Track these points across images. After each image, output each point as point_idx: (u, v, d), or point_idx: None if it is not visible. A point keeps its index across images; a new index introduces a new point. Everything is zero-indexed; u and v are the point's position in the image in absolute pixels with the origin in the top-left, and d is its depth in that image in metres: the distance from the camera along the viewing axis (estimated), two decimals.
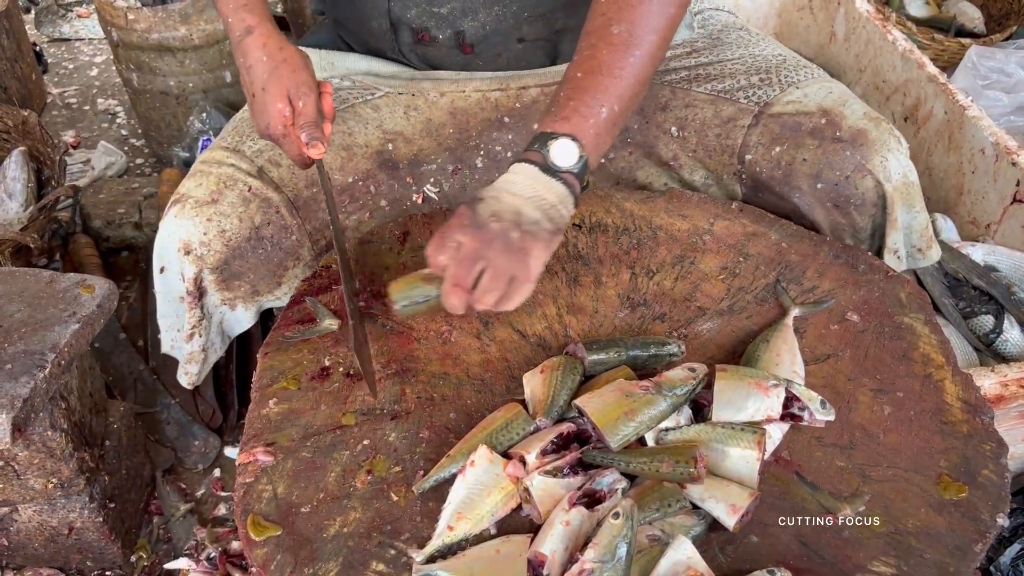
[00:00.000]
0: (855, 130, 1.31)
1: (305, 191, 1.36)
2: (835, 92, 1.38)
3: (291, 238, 1.34)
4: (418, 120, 1.44)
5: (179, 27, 2.43)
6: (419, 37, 1.39)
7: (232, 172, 1.33)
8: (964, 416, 1.04)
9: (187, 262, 1.29)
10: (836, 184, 1.32)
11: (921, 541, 0.92)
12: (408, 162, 1.42)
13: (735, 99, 1.39)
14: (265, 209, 1.32)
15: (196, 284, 1.30)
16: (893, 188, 1.31)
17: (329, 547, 0.92)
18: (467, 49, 1.39)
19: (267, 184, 1.33)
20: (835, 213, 1.34)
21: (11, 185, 2.19)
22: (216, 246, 1.30)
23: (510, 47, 1.40)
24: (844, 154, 1.31)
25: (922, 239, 1.40)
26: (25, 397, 1.29)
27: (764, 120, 1.37)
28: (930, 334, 1.15)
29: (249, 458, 1.01)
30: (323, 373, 1.11)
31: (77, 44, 3.53)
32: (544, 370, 1.05)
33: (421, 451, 1.02)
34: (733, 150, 1.39)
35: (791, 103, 1.36)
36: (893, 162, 1.30)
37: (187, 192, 1.32)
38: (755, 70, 1.43)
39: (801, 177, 1.33)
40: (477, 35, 1.37)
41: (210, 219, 1.29)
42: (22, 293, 1.45)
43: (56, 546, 1.59)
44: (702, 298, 1.21)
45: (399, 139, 1.42)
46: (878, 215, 1.34)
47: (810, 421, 1.01)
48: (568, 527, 0.88)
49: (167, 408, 1.91)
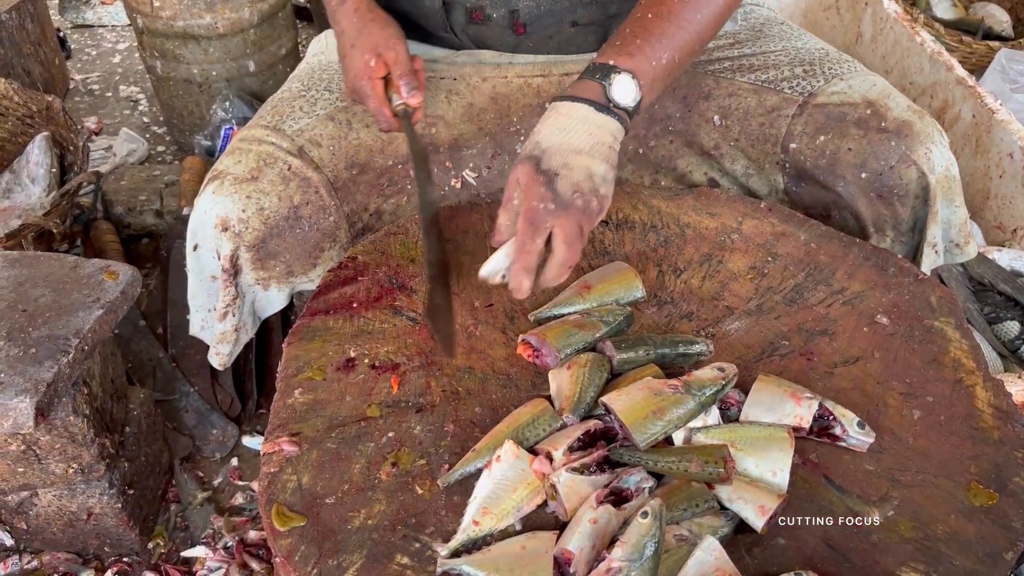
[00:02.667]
0: (900, 121, 1.32)
1: (345, 172, 1.35)
2: (879, 85, 1.38)
3: (329, 219, 1.34)
4: (459, 104, 1.44)
5: (204, 15, 2.43)
6: (472, 16, 1.39)
7: (272, 150, 1.33)
8: (995, 422, 1.03)
9: (224, 239, 1.29)
10: (880, 174, 1.32)
11: (951, 548, 0.91)
12: (448, 146, 1.42)
13: (779, 89, 1.40)
14: (304, 189, 1.32)
15: (232, 262, 1.30)
16: (936, 180, 1.31)
17: (354, 539, 0.92)
18: (520, 29, 1.39)
19: (307, 164, 1.33)
20: (878, 203, 1.34)
21: (34, 170, 2.20)
22: (254, 223, 1.29)
23: (563, 30, 1.40)
24: (889, 144, 1.31)
25: (960, 234, 1.40)
26: (49, 382, 1.29)
27: (809, 110, 1.37)
28: (961, 339, 1.13)
29: (274, 448, 1.01)
30: (348, 364, 1.11)
31: (100, 31, 3.54)
32: (571, 366, 1.04)
33: (446, 445, 1.02)
34: (777, 139, 1.39)
35: (836, 94, 1.37)
36: (937, 154, 1.31)
37: (226, 169, 1.32)
38: (798, 62, 1.43)
39: (846, 166, 1.33)
40: (531, 15, 1.37)
41: (249, 196, 1.29)
42: (47, 278, 1.46)
43: (74, 531, 1.59)
44: (730, 297, 1.20)
45: (440, 123, 1.42)
46: (919, 207, 1.34)
47: (849, 444, 1.00)
48: (595, 525, 0.87)
49: (186, 396, 1.91)
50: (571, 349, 1.08)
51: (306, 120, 1.36)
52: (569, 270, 1.07)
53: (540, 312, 1.16)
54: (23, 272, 1.47)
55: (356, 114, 1.40)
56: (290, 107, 1.39)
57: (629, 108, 1.11)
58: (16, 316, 1.38)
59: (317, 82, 1.45)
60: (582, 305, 1.15)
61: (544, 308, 1.17)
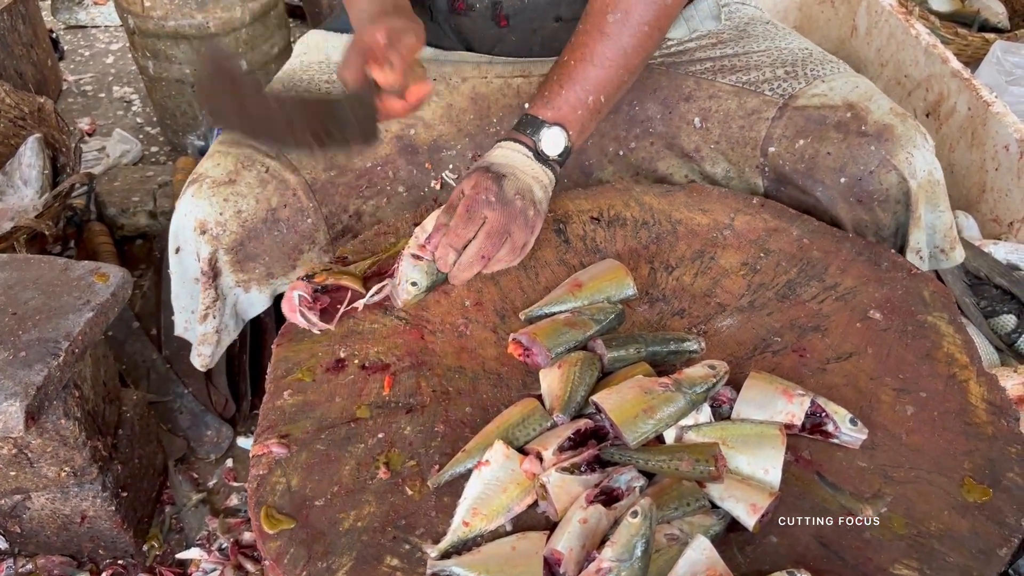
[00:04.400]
0: (881, 125, 1.29)
1: (323, 174, 1.35)
2: (861, 87, 1.36)
3: (307, 221, 1.34)
4: (439, 105, 1.43)
5: (195, 15, 2.42)
6: (455, 6, 1.38)
7: (250, 152, 1.33)
8: (989, 418, 1.02)
9: (203, 242, 1.29)
10: (860, 179, 1.30)
11: (944, 544, 0.91)
12: (428, 147, 1.42)
13: (760, 91, 1.38)
14: (282, 191, 1.32)
15: (211, 264, 1.30)
16: (918, 185, 1.29)
17: (343, 541, 0.91)
18: (503, 22, 1.39)
19: (285, 166, 1.33)
20: (858, 209, 1.32)
21: (26, 172, 2.19)
22: (232, 226, 1.29)
23: (546, 24, 1.39)
24: (869, 148, 1.29)
25: (945, 240, 1.37)
26: (39, 385, 1.29)
27: (788, 113, 1.35)
28: (954, 333, 1.13)
29: (263, 450, 1.00)
30: (338, 365, 1.10)
31: (93, 31, 3.53)
32: (561, 365, 1.04)
33: (436, 445, 1.01)
34: (756, 142, 1.37)
35: (816, 96, 1.35)
36: (919, 159, 1.28)
37: (205, 172, 1.32)
38: (781, 63, 1.41)
39: (824, 171, 1.31)
40: (514, 7, 1.37)
41: (227, 199, 1.29)
42: (37, 280, 1.45)
43: (68, 534, 1.59)
44: (722, 294, 1.20)
45: (419, 124, 1.41)
46: (901, 212, 1.32)
47: (841, 440, 0.99)
48: (585, 525, 0.87)
49: (180, 397, 1.91)
50: (562, 348, 1.07)
51: None
52: (480, 263, 1.13)
53: (531, 311, 1.16)
54: (13, 275, 1.46)
55: None
56: None
57: (559, 158, 1.21)
58: (6, 319, 1.37)
59: (297, 83, 1.44)
60: (573, 303, 1.15)
61: (535, 307, 1.16)
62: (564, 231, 1.29)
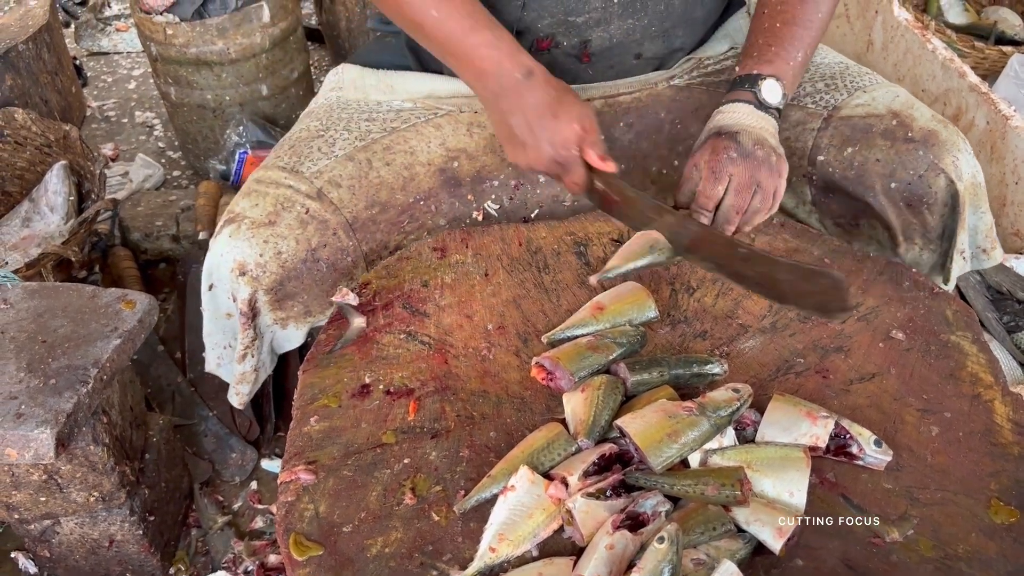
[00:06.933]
0: (926, 131, 1.34)
1: (365, 212, 1.34)
2: (901, 96, 1.41)
3: (347, 259, 1.33)
4: (482, 137, 1.43)
5: (216, 41, 2.45)
6: (538, 45, 1.39)
7: (290, 193, 1.31)
8: (1015, 438, 1.02)
9: (242, 283, 1.28)
10: (909, 183, 1.33)
11: (972, 566, 0.90)
12: (471, 179, 1.41)
13: (802, 104, 1.43)
14: (322, 231, 1.31)
15: (250, 305, 1.29)
16: (964, 187, 1.32)
17: (371, 567, 0.92)
18: (586, 58, 1.41)
19: (325, 206, 1.32)
20: (907, 212, 1.35)
21: (53, 199, 2.23)
22: (272, 268, 1.28)
23: (625, 60, 1.43)
24: (917, 154, 1.33)
25: (987, 239, 1.42)
26: (69, 412, 1.31)
27: (834, 123, 1.39)
28: (978, 353, 1.12)
29: (291, 476, 1.01)
30: (363, 390, 1.11)
31: (116, 58, 3.58)
32: (585, 389, 1.04)
33: (462, 470, 1.02)
34: (803, 152, 1.41)
35: (860, 106, 1.39)
36: (964, 162, 1.33)
37: (243, 212, 1.31)
38: (819, 76, 1.46)
39: (875, 177, 1.35)
40: (602, 46, 1.39)
41: (267, 241, 1.28)
42: (66, 308, 1.47)
43: (97, 558, 1.60)
44: (744, 315, 1.20)
45: (462, 156, 1.41)
46: (948, 215, 1.35)
47: (866, 462, 0.99)
48: (612, 551, 0.87)
49: (205, 420, 1.93)
50: (585, 372, 1.08)
51: (325, 161, 1.35)
52: (736, 218, 1.20)
53: (553, 334, 1.17)
54: (42, 303, 1.48)
55: (376, 153, 1.38)
56: (308, 147, 1.38)
57: (779, 106, 1.27)
58: (36, 347, 1.39)
59: (336, 121, 1.43)
60: (595, 326, 1.16)
61: (557, 330, 1.17)
62: (585, 253, 1.30)
